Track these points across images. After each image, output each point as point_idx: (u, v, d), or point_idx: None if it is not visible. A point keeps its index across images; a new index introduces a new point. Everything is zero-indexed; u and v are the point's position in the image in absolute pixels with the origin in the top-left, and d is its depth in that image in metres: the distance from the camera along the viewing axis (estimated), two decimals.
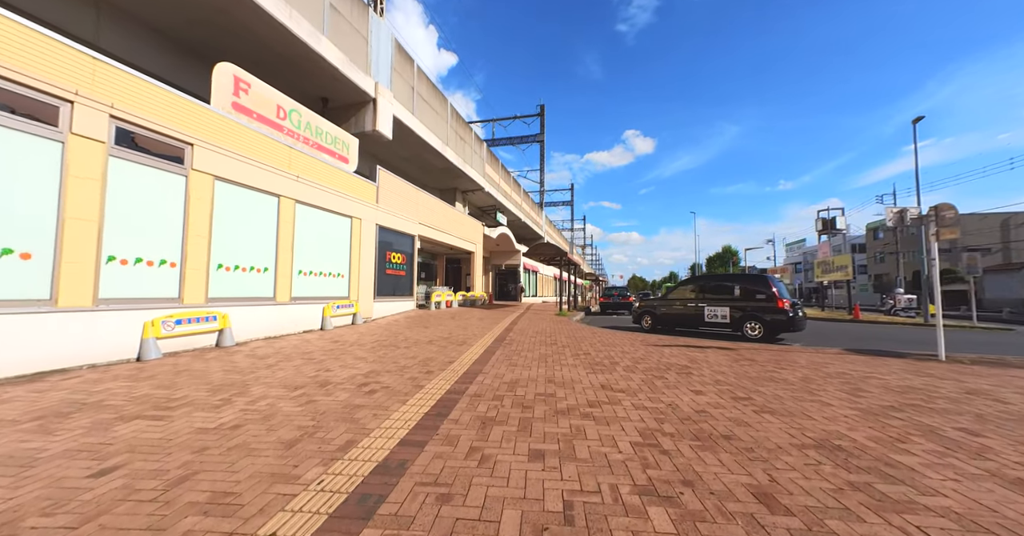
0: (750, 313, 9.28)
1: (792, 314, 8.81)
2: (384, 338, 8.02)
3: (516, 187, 29.20)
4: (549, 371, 5.29)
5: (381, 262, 11.95)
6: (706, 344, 7.94)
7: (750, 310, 9.29)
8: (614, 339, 8.55)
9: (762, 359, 6.18)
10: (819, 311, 21.10)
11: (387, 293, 12.29)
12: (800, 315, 9.04)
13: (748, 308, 9.33)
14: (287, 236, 8.27)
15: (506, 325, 11.11)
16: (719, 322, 9.79)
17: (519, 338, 8.48)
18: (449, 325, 10.60)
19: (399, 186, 12.90)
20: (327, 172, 9.54)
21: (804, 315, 9.31)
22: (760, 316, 9.11)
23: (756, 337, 9.05)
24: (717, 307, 9.90)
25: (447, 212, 16.86)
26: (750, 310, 9.29)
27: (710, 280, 10.87)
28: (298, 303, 8.56)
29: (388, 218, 12.19)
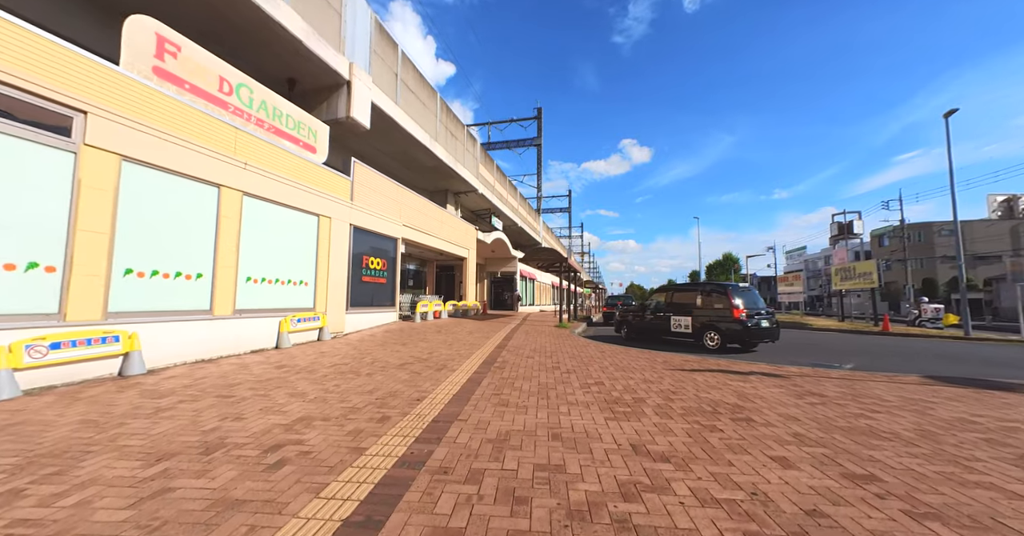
0: (708, 323, 9.13)
1: (749, 324, 8.56)
2: (347, 360, 6.50)
3: (512, 191, 27.89)
4: (552, 416, 3.81)
5: (356, 268, 10.46)
6: (742, 368, 6.47)
7: (709, 320, 9.13)
8: (627, 360, 7.07)
9: (832, 393, 4.71)
10: (836, 322, 19.68)
11: (363, 303, 10.78)
12: (764, 325, 8.79)
13: (707, 318, 9.18)
14: (230, 235, 6.79)
15: (499, 340, 9.60)
16: (683, 332, 9.64)
17: (513, 359, 6.99)
18: (433, 341, 9.08)
19: (379, 182, 11.47)
20: (288, 162, 8.10)
21: (772, 325, 9.02)
22: (717, 326, 8.96)
23: (714, 347, 8.95)
24: (681, 317, 9.73)
25: (436, 214, 15.44)
26: (709, 320, 9.13)
27: (677, 289, 10.65)
28: (245, 317, 7.04)
29: (365, 218, 10.73)
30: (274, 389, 4.60)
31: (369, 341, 8.79)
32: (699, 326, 9.30)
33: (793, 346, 10.69)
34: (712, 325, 9.05)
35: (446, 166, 16.29)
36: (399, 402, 4.19)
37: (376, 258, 11.36)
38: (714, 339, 8.99)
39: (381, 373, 5.61)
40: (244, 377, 5.15)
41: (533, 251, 15.77)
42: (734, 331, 8.66)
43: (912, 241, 39.30)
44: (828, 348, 10.27)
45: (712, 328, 9.04)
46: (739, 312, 8.67)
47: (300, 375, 5.36)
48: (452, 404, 4.17)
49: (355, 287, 10.37)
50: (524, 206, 31.66)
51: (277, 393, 4.43)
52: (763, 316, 8.90)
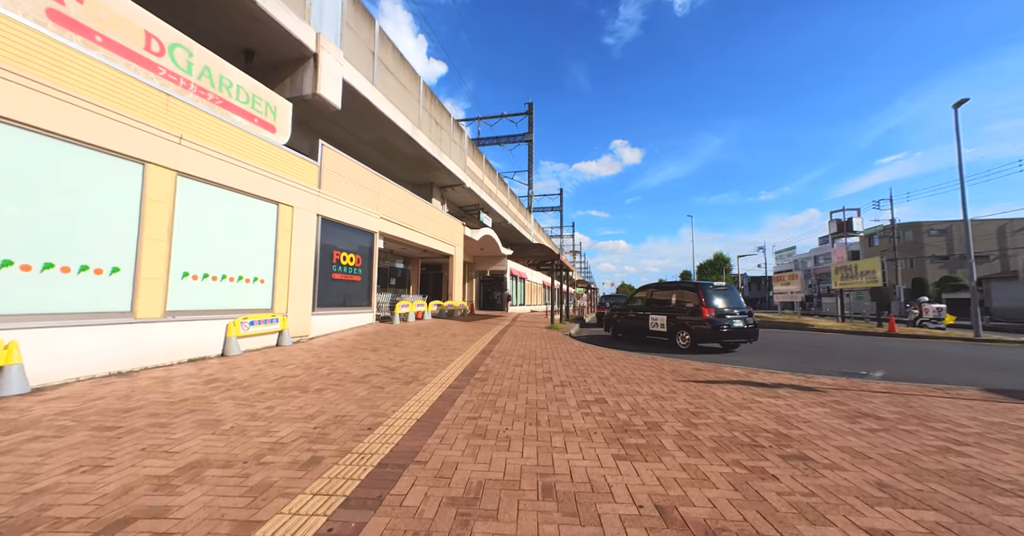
0: (680, 322, 9.14)
1: (718, 324, 8.47)
2: (299, 372, 5.45)
3: (502, 186, 26.90)
4: (544, 452, 2.84)
5: (325, 264, 9.37)
6: (765, 378, 5.58)
7: (681, 319, 9.14)
8: (630, 368, 6.14)
9: (889, 415, 3.82)
10: (837, 322, 19.08)
11: (333, 303, 9.69)
12: (736, 325, 8.61)
13: (680, 317, 9.18)
14: (160, 222, 5.68)
15: (484, 345, 8.61)
16: (659, 331, 9.68)
17: (499, 368, 6.00)
18: (409, 346, 8.05)
19: (352, 169, 10.39)
20: (239, 140, 7.00)
21: (748, 325, 8.83)
22: (688, 325, 8.96)
23: (685, 347, 8.92)
24: (658, 316, 9.78)
25: (419, 207, 14.38)
26: (681, 319, 9.14)
27: (656, 288, 10.77)
28: (180, 319, 5.94)
29: (336, 208, 9.65)
30: (182, 415, 3.54)
31: (335, 347, 7.73)
32: (673, 325, 9.32)
33: (803, 349, 9.90)
34: (684, 324, 9.04)
35: (430, 156, 15.23)
36: (342, 433, 3.18)
37: (349, 253, 10.27)
38: (685, 339, 8.96)
39: (335, 389, 4.59)
40: (153, 397, 4.08)
41: (523, 248, 14.81)
42: (703, 331, 8.60)
43: (901, 241, 39.31)
44: (841, 352, 9.49)
45: (683, 327, 9.03)
46: (708, 311, 8.58)
47: (230, 393, 4.31)
48: (412, 435, 3.17)
49: (324, 285, 9.28)
50: (515, 203, 30.71)
51: (182, 422, 3.38)
52: (736, 316, 8.72)
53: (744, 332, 8.69)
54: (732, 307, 8.86)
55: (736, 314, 8.76)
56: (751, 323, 8.87)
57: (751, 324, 8.85)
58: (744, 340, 8.88)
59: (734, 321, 8.62)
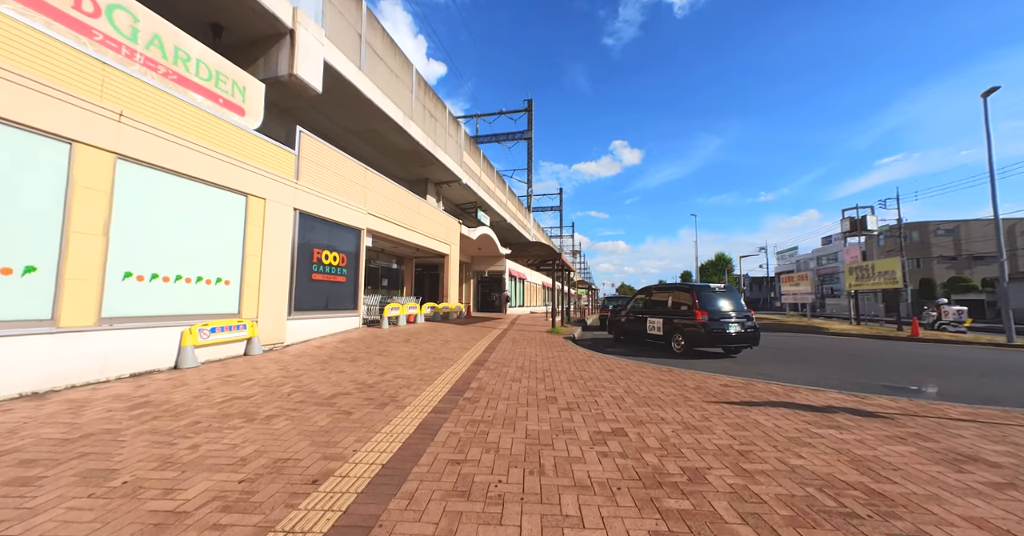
0: (675, 325, 8.91)
1: (712, 328, 8.16)
2: (254, 391, 4.57)
3: (501, 184, 26.05)
4: (551, 529, 1.97)
5: (304, 263, 8.50)
6: (811, 399, 4.72)
7: (676, 322, 8.91)
8: (646, 383, 5.27)
9: (1002, 459, 2.95)
10: (852, 325, 18.21)
11: (313, 307, 8.82)
12: (733, 329, 8.21)
13: (675, 320, 8.96)
14: (92, 212, 4.81)
15: (479, 352, 7.75)
16: (656, 334, 9.49)
17: (493, 383, 5.13)
18: (395, 354, 7.18)
19: (336, 160, 9.53)
20: (198, 122, 6.13)
21: (748, 330, 8.38)
22: (682, 328, 8.72)
23: (679, 351, 8.68)
24: (655, 318, 9.59)
25: (412, 203, 13.51)
26: (676, 322, 8.91)
27: (654, 291, 10.60)
28: (120, 327, 5.06)
29: (316, 202, 8.78)
30: (66, 462, 2.67)
31: (310, 356, 6.86)
32: (668, 328, 9.10)
33: (829, 357, 9.04)
34: (678, 328, 8.81)
35: (424, 150, 14.37)
36: (274, 491, 2.31)
37: (332, 252, 9.40)
38: (679, 343, 8.71)
39: (291, 415, 3.72)
40: (46, 432, 3.20)
41: (523, 246, 13.95)
42: (697, 334, 8.31)
43: (908, 241, 38.53)
44: (872, 360, 8.63)
45: (678, 331, 8.79)
46: (701, 315, 8.31)
47: (154, 423, 3.43)
48: (371, 494, 2.31)
49: (302, 287, 8.40)
50: (514, 201, 29.86)
51: (58, 475, 2.50)
52: (733, 320, 8.37)
53: (743, 337, 8.29)
54: (730, 310, 8.54)
55: (733, 317, 8.40)
56: (751, 327, 8.45)
57: (751, 328, 8.44)
58: (744, 345, 8.50)
59: (730, 325, 8.25)
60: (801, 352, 9.79)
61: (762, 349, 10.33)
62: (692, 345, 8.52)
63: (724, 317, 8.36)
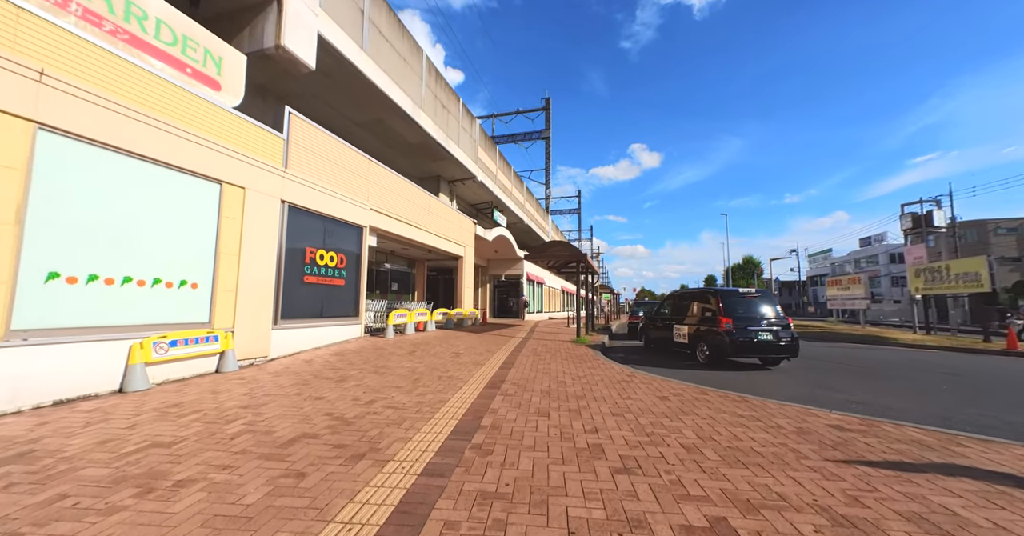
0: (700, 333, 8.34)
1: (737, 336, 7.49)
2: (190, 432, 3.39)
3: (518, 183, 24.85)
4: None
5: (294, 264, 7.41)
6: (985, 455, 3.24)
7: (701, 330, 8.32)
8: (721, 420, 3.88)
9: None
10: (918, 335, 16.06)
11: (306, 313, 7.71)
12: (763, 338, 7.52)
13: (699, 328, 8.40)
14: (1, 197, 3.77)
15: (495, 369, 6.45)
16: (682, 342, 8.94)
17: (513, 419, 3.82)
18: (393, 373, 5.96)
19: (332, 148, 8.46)
20: (158, 92, 5.10)
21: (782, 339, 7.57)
22: (706, 337, 8.13)
23: (704, 362, 8.11)
24: (681, 326, 9.06)
25: (422, 200, 12.40)
26: (701, 330, 8.32)
27: (681, 296, 10.06)
28: (39, 342, 3.99)
29: (309, 194, 7.71)
30: None
31: (292, 375, 5.69)
32: (693, 336, 8.53)
33: (930, 377, 7.36)
34: (703, 336, 8.21)
35: (435, 143, 13.29)
36: None
37: (329, 251, 8.30)
38: (704, 352, 8.12)
39: (210, 481, 2.49)
40: None
41: (543, 247, 12.64)
42: (721, 343, 7.68)
43: (963, 241, 35.40)
44: (988, 383, 6.92)
45: (703, 339, 8.20)
46: (725, 322, 7.67)
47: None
48: None
49: (291, 291, 7.31)
50: (531, 202, 28.60)
51: None
52: (763, 328, 7.66)
53: (776, 347, 7.58)
54: (760, 317, 7.85)
55: (763, 325, 7.70)
56: (787, 337, 7.66)
57: (787, 338, 7.65)
58: (781, 356, 7.80)
59: (760, 334, 7.55)
60: (886, 369, 8.11)
61: (832, 364, 8.71)
62: (717, 355, 7.89)
63: (753, 325, 7.65)
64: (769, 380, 6.71)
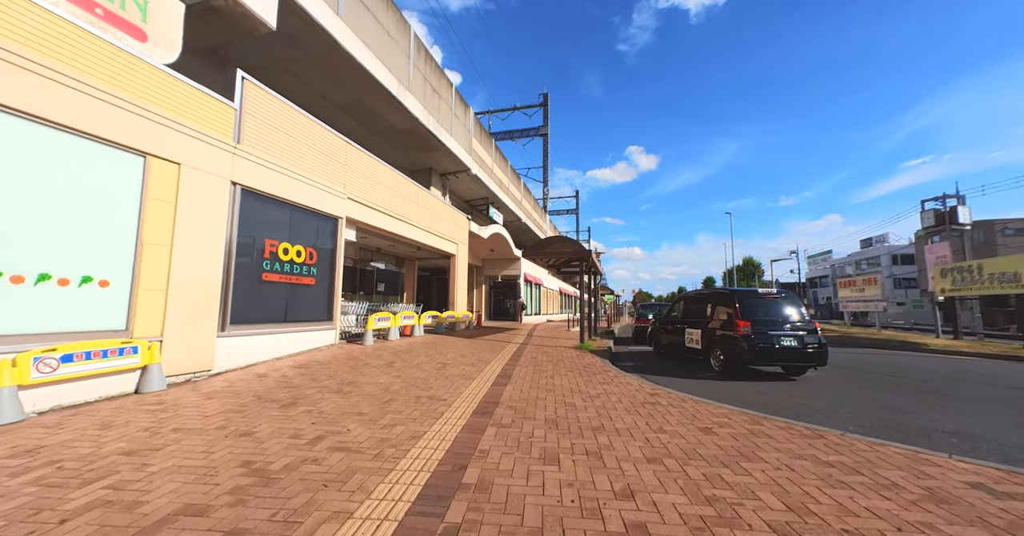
0: (714, 338, 7.59)
1: (756, 342, 6.70)
2: (18, 503, 2.20)
3: (515, 179, 23.74)
4: None
5: (249, 258, 6.23)
6: None
7: (715, 335, 7.59)
8: (805, 471, 2.75)
9: None
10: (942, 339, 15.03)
11: (264, 318, 6.51)
12: (787, 344, 6.75)
13: (715, 332, 7.63)
14: None
15: (487, 386, 5.28)
16: (694, 347, 8.23)
17: (509, 471, 2.65)
18: (361, 393, 4.78)
19: (298, 123, 7.30)
20: (48, 33, 3.94)
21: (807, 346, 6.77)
22: (722, 343, 7.37)
23: (718, 369, 7.34)
24: (693, 330, 8.33)
25: (409, 191, 11.25)
26: (715, 335, 7.59)
27: (693, 297, 9.29)
28: None
29: (269, 177, 6.53)
30: None
31: (228, 397, 4.50)
32: (707, 341, 7.78)
33: (1003, 394, 6.29)
34: (717, 341, 7.46)
35: (425, 130, 12.13)
36: None
37: (296, 245, 7.12)
38: (719, 359, 7.35)
39: None
40: None
41: (543, 243, 11.49)
42: (737, 350, 6.92)
43: (972, 242, 34.59)
44: None
45: (717, 344, 7.46)
46: (742, 326, 6.92)
47: None
48: None
49: (245, 291, 6.12)
50: (529, 199, 27.49)
51: None
52: (786, 333, 6.87)
53: (801, 354, 6.77)
54: (782, 321, 7.10)
55: (786, 330, 6.91)
56: (814, 343, 6.81)
57: (814, 344, 6.80)
58: (807, 365, 6.93)
59: (783, 339, 6.79)
60: (942, 383, 6.99)
61: (871, 374, 7.64)
62: (733, 362, 7.08)
63: (774, 329, 6.90)
64: (815, 397, 5.59)
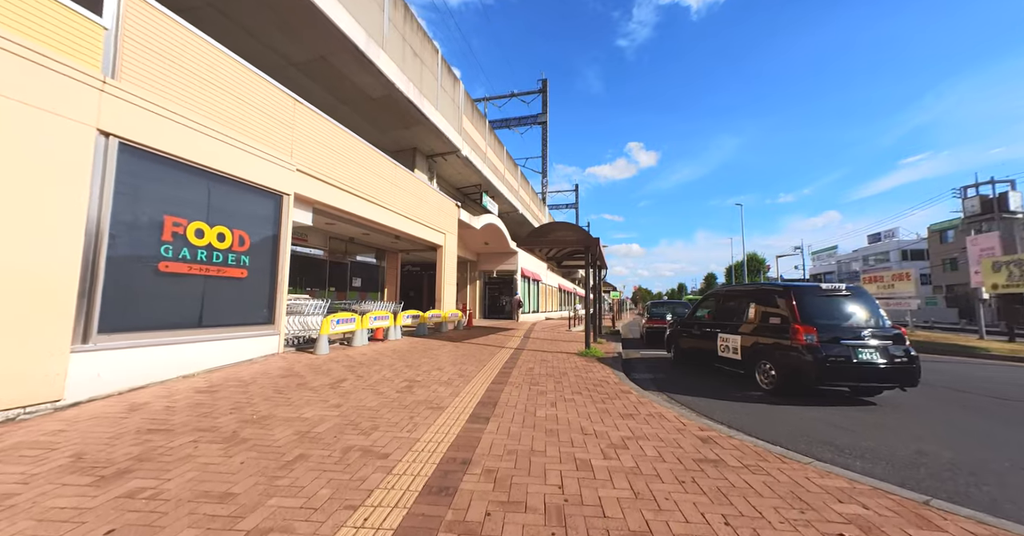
0: (761, 347, 5.76)
1: (825, 353, 4.93)
2: None
3: (512, 166, 21.98)
4: None
5: (136, 241, 4.52)
6: None
7: (762, 342, 5.77)
8: None
9: None
10: (986, 341, 13.42)
11: (163, 323, 4.81)
12: (869, 358, 4.91)
13: (760, 338, 5.83)
14: None
15: (459, 425, 3.59)
16: (731, 358, 6.33)
17: None
18: (265, 442, 3.08)
19: (215, 63, 5.57)
20: None
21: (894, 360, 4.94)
22: (772, 353, 5.55)
23: (768, 388, 5.50)
24: (729, 334, 6.48)
25: (383, 169, 9.52)
26: (762, 342, 5.77)
27: (728, 295, 7.31)
28: None
29: (170, 131, 4.81)
30: None
31: (30, 457, 2.81)
32: (751, 351, 6.02)
33: None
34: (766, 351, 5.73)
35: (404, 99, 10.38)
36: None
37: (217, 226, 5.41)
38: (770, 375, 5.58)
39: None
40: None
41: (543, 230, 9.78)
42: (798, 363, 5.18)
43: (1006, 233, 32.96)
44: None
45: (766, 356, 5.72)
46: (803, 332, 5.20)
47: None
48: None
49: (127, 287, 4.42)
50: (526, 189, 25.74)
51: None
52: (866, 343, 5.12)
53: (887, 372, 5.00)
54: (858, 326, 5.39)
55: (865, 338, 5.17)
56: (901, 355, 5.09)
57: (902, 357, 5.08)
58: (891, 385, 5.07)
59: (861, 351, 5.07)
60: None
61: (963, 393, 5.95)
62: (791, 381, 5.29)
63: (848, 336, 5.18)
64: (929, 437, 3.94)
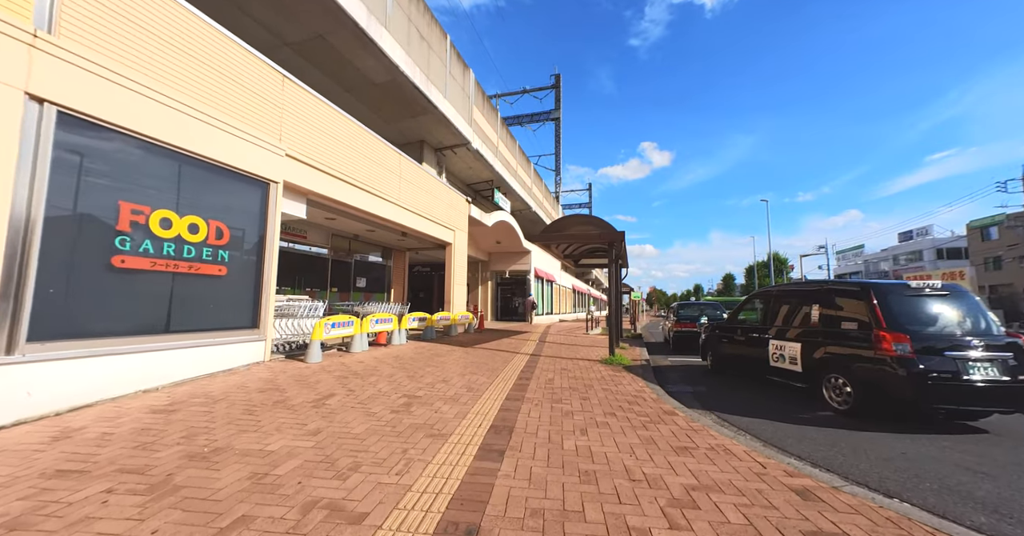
0: (831, 357, 4.69)
1: (921, 372, 3.87)
2: None
3: (524, 162, 21.12)
4: None
5: (80, 231, 3.78)
6: None
7: (832, 351, 4.70)
8: None
9: None
10: None
11: (118, 328, 4.06)
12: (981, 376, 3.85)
13: (830, 348, 4.73)
14: None
15: (465, 465, 2.72)
16: (789, 369, 5.22)
17: None
18: (202, 491, 2.25)
19: (183, 24, 4.83)
20: None
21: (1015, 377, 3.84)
22: (846, 365, 4.49)
23: (842, 409, 4.44)
24: (785, 342, 5.36)
25: (387, 158, 8.75)
26: (832, 351, 4.70)
27: (782, 294, 6.14)
28: None
29: (124, 98, 4.08)
30: None
31: None
32: (814, 362, 4.88)
33: None
34: (838, 362, 4.59)
35: (409, 85, 9.62)
36: None
37: (188, 216, 4.67)
38: (845, 393, 4.44)
39: None
40: None
41: (561, 224, 8.88)
42: (887, 379, 4.02)
43: None
44: None
45: (839, 368, 4.56)
46: (892, 340, 4.06)
47: None
48: None
49: (69, 285, 3.68)
50: (540, 186, 24.84)
51: None
52: (975, 354, 3.94)
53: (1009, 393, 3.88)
54: (964, 333, 4.21)
55: (976, 349, 4.00)
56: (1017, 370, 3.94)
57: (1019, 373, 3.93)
58: (1004, 409, 3.93)
59: (970, 366, 3.93)
60: None
61: None
62: (872, 399, 4.22)
63: (951, 347, 4.05)
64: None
